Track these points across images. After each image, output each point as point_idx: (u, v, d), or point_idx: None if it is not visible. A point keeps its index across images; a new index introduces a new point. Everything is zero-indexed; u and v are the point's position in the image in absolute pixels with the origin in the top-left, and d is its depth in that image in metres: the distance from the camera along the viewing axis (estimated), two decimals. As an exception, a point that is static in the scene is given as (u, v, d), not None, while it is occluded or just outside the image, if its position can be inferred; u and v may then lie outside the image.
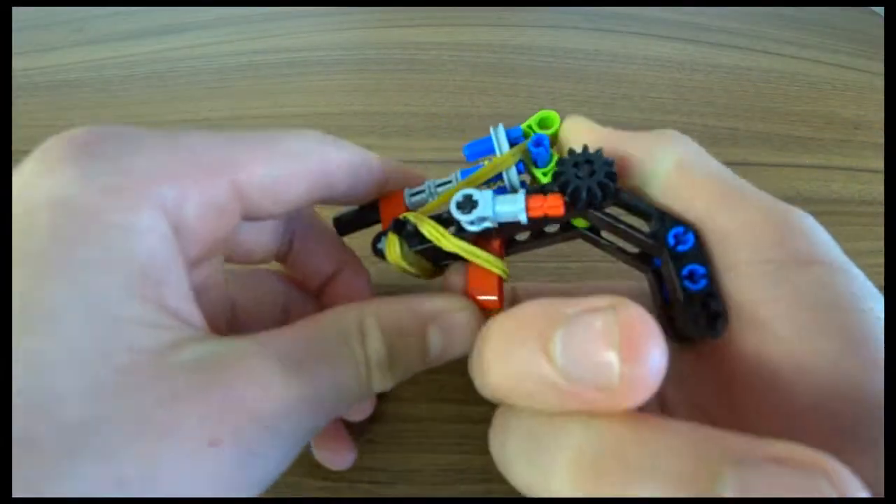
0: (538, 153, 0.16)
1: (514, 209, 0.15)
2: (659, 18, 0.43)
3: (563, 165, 0.15)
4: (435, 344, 0.15)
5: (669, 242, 0.15)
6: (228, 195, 0.13)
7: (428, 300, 0.15)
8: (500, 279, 0.16)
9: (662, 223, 0.15)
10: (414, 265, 0.17)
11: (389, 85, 0.36)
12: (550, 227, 0.17)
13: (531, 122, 0.17)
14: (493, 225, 0.15)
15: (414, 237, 0.16)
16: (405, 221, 0.16)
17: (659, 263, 0.16)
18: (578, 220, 0.16)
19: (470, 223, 0.15)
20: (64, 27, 0.42)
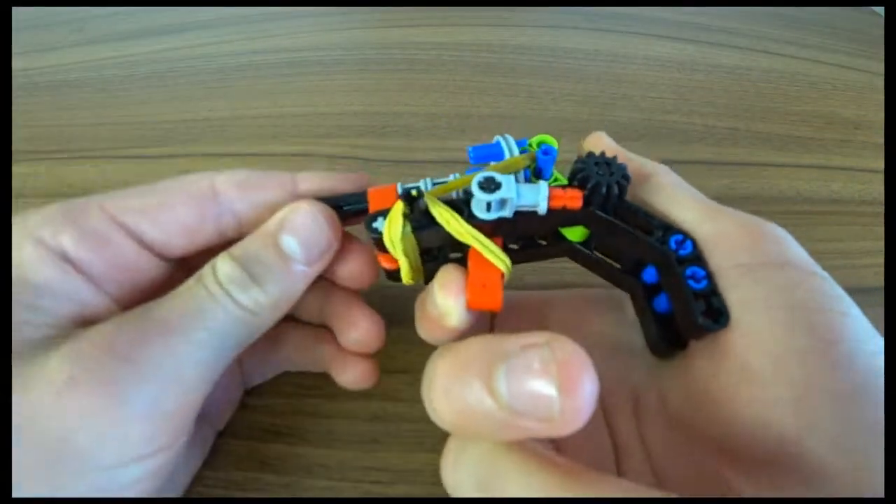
0: (545, 162, 0.16)
1: (536, 196, 0.15)
2: (659, 18, 0.43)
3: (583, 163, 0.16)
4: (291, 246, 0.16)
5: (672, 247, 0.16)
6: (104, 226, 0.16)
7: (271, 219, 0.17)
8: (501, 276, 0.16)
9: (665, 230, 0.16)
10: (407, 254, 0.16)
11: (389, 85, 0.36)
12: (542, 239, 0.17)
13: (532, 141, 0.17)
14: (508, 214, 0.15)
15: (423, 216, 0.16)
16: (418, 195, 0.16)
17: (648, 277, 0.17)
18: (573, 231, 0.17)
19: (486, 208, 0.15)
20: (64, 27, 0.42)
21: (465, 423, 0.12)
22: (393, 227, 0.15)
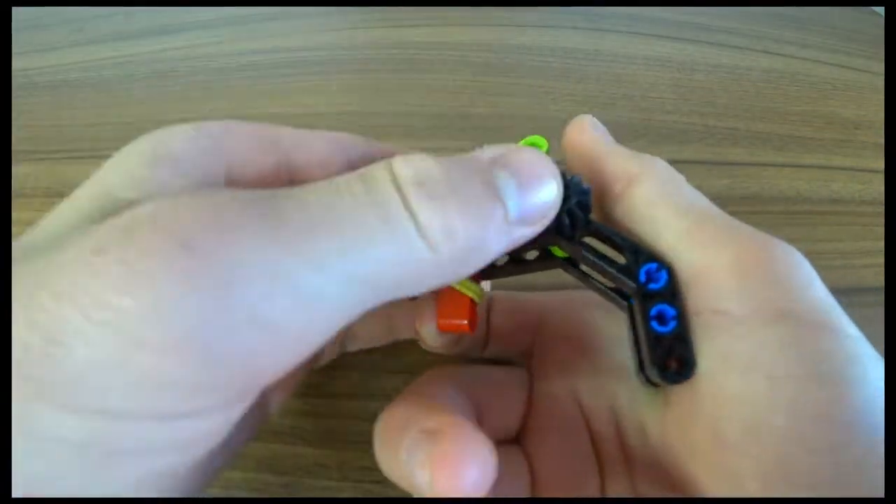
0: None
1: None
2: (659, 18, 0.43)
3: None
4: (505, 185, 0.12)
5: (640, 279, 0.14)
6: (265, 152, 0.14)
7: (480, 151, 0.13)
8: (471, 302, 0.16)
9: (636, 257, 0.14)
10: None
11: (389, 85, 0.36)
12: (530, 254, 0.16)
13: (520, 144, 0.17)
14: None
15: None
16: None
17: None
18: (556, 248, 0.16)
19: None
20: (64, 27, 0.42)
21: (396, 480, 0.13)
22: None
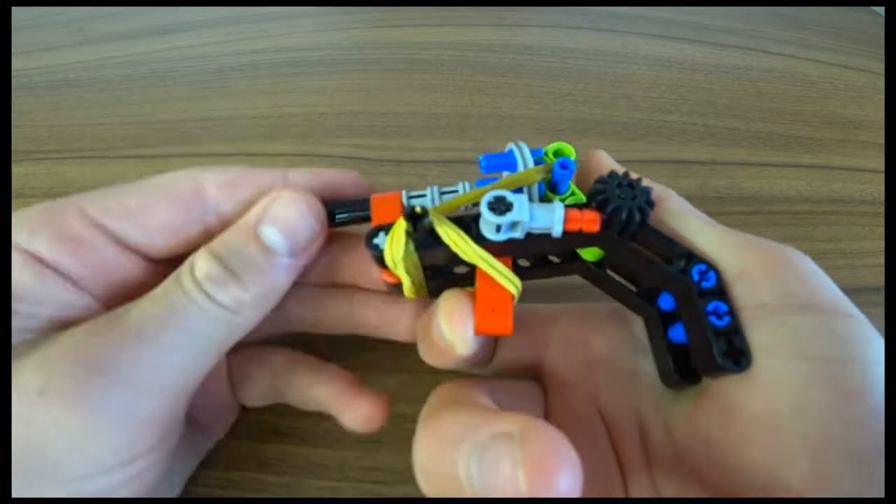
0: (562, 176, 0.15)
1: (551, 218, 0.14)
2: (659, 18, 0.43)
3: (604, 184, 0.15)
4: (272, 237, 0.15)
5: (694, 278, 0.15)
6: (83, 228, 0.15)
7: (251, 210, 0.16)
8: (511, 299, 0.15)
9: (689, 260, 0.15)
10: (409, 272, 0.15)
11: (389, 85, 0.36)
12: (554, 257, 0.16)
13: (547, 150, 0.16)
14: (519, 235, 0.14)
15: (427, 236, 0.14)
16: (423, 214, 0.14)
17: (664, 304, 0.16)
18: (588, 251, 0.16)
19: (495, 229, 0.14)
20: (64, 27, 0.42)
21: (444, 496, 0.13)
22: (395, 245, 0.14)
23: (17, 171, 0.30)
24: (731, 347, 0.14)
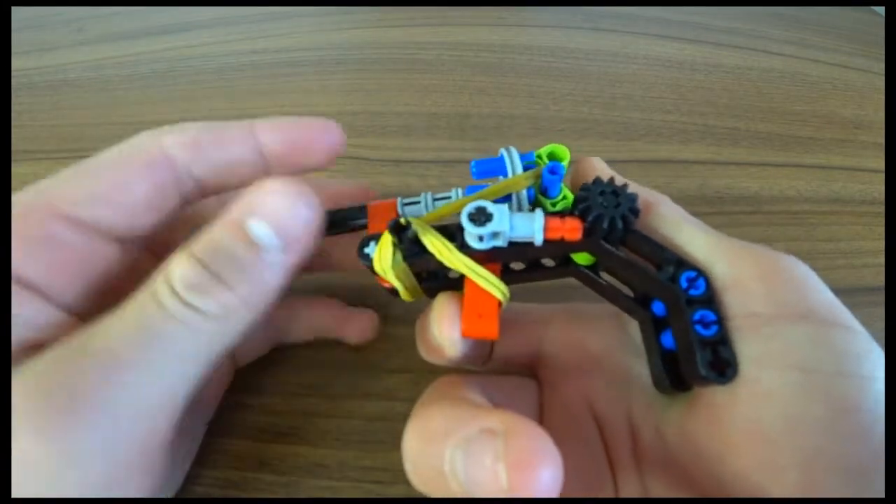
0: (551, 181, 0.15)
1: (531, 227, 0.14)
2: (659, 18, 0.43)
3: (587, 191, 0.15)
4: (261, 233, 0.14)
5: (682, 286, 0.14)
6: (47, 226, 0.14)
7: (234, 203, 0.14)
8: (498, 305, 0.15)
9: (678, 266, 0.15)
10: (400, 279, 0.15)
11: (389, 85, 0.36)
12: (547, 260, 0.16)
13: (541, 153, 0.16)
14: (502, 243, 0.14)
15: (413, 245, 0.15)
16: (407, 225, 0.15)
17: (658, 309, 0.16)
18: (580, 255, 0.16)
19: (478, 239, 0.14)
20: (64, 27, 0.42)
21: (434, 491, 0.13)
22: (383, 256, 0.15)
23: (17, 171, 0.30)
24: (716, 358, 0.13)
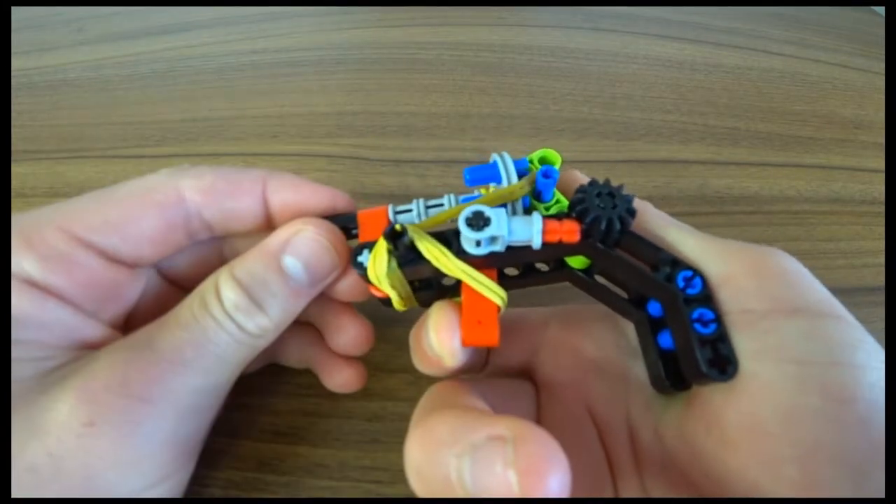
0: (545, 185, 0.15)
1: (529, 231, 0.14)
2: (659, 18, 0.43)
3: (584, 193, 0.15)
4: (293, 268, 0.16)
5: (679, 285, 0.14)
6: (66, 246, 0.15)
7: (273, 236, 0.16)
8: (497, 310, 0.15)
9: (674, 266, 0.15)
10: (395, 287, 0.15)
11: (389, 85, 0.36)
12: (541, 264, 0.16)
13: (532, 157, 0.16)
14: (500, 248, 0.14)
15: (408, 252, 0.15)
16: (402, 232, 0.14)
17: (653, 309, 0.16)
18: (575, 259, 0.16)
19: (476, 244, 0.14)
20: (64, 27, 0.42)
21: (435, 496, 0.13)
22: (377, 263, 0.15)
23: (17, 170, 0.30)
24: (716, 355, 0.13)
